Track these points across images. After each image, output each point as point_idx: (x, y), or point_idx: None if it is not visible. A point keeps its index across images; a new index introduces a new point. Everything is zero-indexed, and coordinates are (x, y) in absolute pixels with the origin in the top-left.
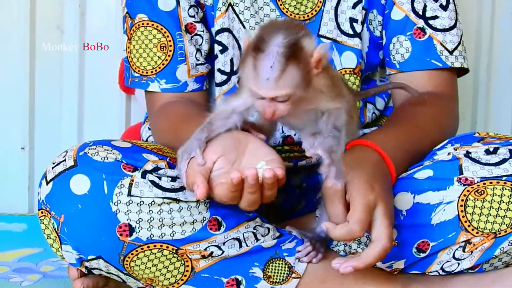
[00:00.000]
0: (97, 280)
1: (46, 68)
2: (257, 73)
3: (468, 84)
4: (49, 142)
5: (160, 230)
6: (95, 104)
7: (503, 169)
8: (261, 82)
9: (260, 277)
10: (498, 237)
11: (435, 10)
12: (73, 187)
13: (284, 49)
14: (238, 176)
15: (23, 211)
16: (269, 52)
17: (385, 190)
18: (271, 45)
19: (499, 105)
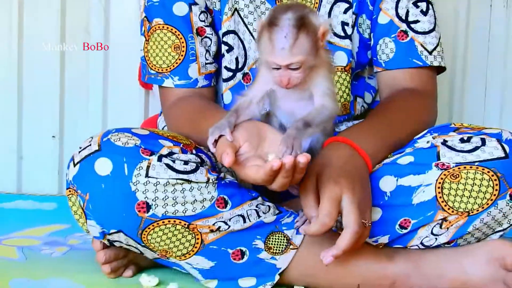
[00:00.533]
0: (118, 252)
1: (74, 66)
2: (273, 44)
3: (445, 84)
4: (77, 131)
5: (174, 207)
6: (117, 98)
7: (475, 156)
8: (277, 51)
9: (262, 248)
10: (471, 215)
11: (416, 15)
12: (97, 168)
13: (294, 21)
14: (279, 163)
15: (53, 192)
16: (282, 25)
17: (354, 181)
18: (283, 19)
19: (472, 103)
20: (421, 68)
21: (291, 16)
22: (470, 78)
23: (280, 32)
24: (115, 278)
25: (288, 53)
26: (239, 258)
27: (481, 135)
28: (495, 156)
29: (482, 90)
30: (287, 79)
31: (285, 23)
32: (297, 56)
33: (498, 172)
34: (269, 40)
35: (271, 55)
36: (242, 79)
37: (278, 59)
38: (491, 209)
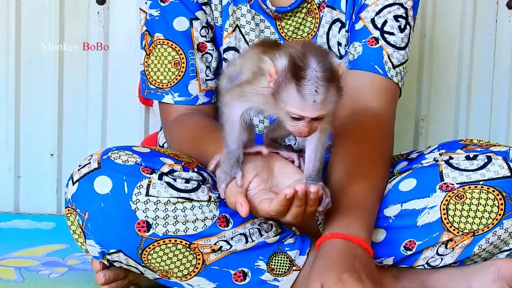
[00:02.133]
0: (117, 272)
1: (73, 84)
2: (302, 97)
3: (451, 99)
4: (75, 150)
5: (175, 227)
6: (117, 115)
7: (480, 174)
8: (307, 105)
9: (264, 270)
10: (476, 235)
11: (393, 28)
12: (97, 187)
13: (323, 73)
14: (292, 191)
15: (52, 211)
16: (311, 77)
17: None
18: (311, 70)
19: (478, 118)
20: (385, 80)
21: (317, 67)
22: (476, 93)
23: (310, 86)
24: None
25: (319, 106)
26: (241, 280)
27: (488, 152)
28: (500, 175)
29: (488, 104)
30: (308, 130)
31: (313, 75)
32: (327, 108)
33: (504, 192)
34: (297, 92)
35: (298, 107)
36: None
37: (307, 113)
38: (497, 228)
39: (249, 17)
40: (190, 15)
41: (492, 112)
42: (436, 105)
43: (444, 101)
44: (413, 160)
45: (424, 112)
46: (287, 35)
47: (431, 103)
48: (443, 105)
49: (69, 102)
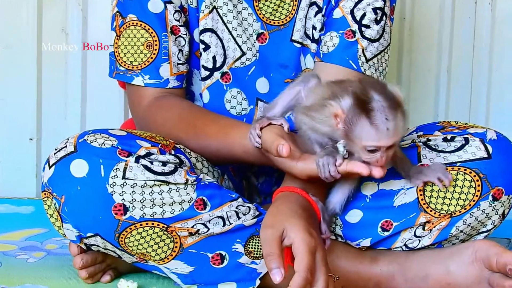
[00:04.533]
0: (95, 256)
1: (52, 68)
2: (376, 128)
3: (431, 82)
4: (54, 134)
5: (152, 209)
6: (96, 99)
7: (457, 156)
8: (381, 134)
9: (242, 253)
10: (454, 217)
11: (370, 21)
12: (73, 170)
13: (387, 102)
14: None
15: (31, 195)
16: (378, 108)
17: (318, 233)
18: (375, 101)
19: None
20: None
21: (381, 98)
22: (456, 76)
23: (379, 116)
24: (93, 283)
25: (393, 133)
26: (219, 263)
27: (465, 134)
28: (477, 157)
29: (467, 87)
30: (384, 159)
31: (379, 106)
32: (400, 134)
33: (481, 173)
34: (370, 125)
35: (374, 139)
36: (220, 78)
37: (383, 142)
38: (474, 210)
39: None
40: None
41: (472, 94)
42: (416, 88)
43: (424, 84)
44: None
45: (404, 95)
46: (264, 16)
47: (411, 86)
48: (423, 88)
49: (48, 86)
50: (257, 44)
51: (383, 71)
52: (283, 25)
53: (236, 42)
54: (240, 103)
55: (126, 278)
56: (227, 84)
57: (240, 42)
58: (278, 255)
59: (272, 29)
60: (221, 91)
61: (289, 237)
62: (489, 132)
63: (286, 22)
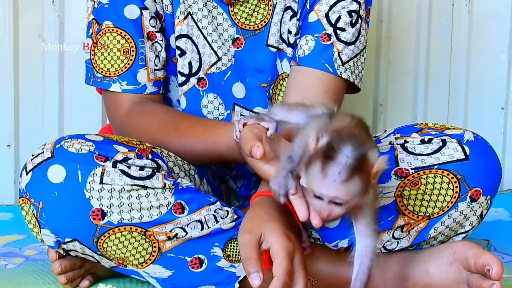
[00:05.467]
0: (74, 261)
1: (29, 74)
2: (325, 175)
3: (409, 84)
4: (32, 140)
5: (130, 214)
6: (74, 105)
7: (435, 158)
8: (327, 183)
9: (220, 256)
10: (432, 219)
11: (346, 24)
12: (50, 176)
13: (353, 161)
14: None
15: (10, 202)
16: (339, 161)
17: (297, 237)
18: (342, 154)
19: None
20: (334, 78)
21: (350, 154)
22: (434, 78)
23: (334, 167)
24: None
25: (338, 188)
26: (197, 267)
27: (442, 136)
28: (455, 158)
29: (445, 89)
30: (327, 213)
31: (342, 160)
32: (345, 194)
33: (458, 174)
34: (321, 170)
35: (318, 185)
36: (196, 83)
37: (326, 190)
38: (452, 211)
39: (201, 4)
40: (140, 5)
41: (450, 96)
42: (394, 91)
43: (402, 87)
44: None
45: (382, 98)
46: (240, 21)
47: (389, 88)
48: (401, 90)
49: (25, 92)
50: (233, 49)
51: (359, 73)
52: (258, 29)
53: (212, 48)
54: (217, 108)
55: (105, 283)
56: (203, 90)
57: (215, 48)
58: (256, 259)
59: (247, 34)
60: (198, 96)
61: (267, 242)
62: (467, 133)
63: (261, 26)
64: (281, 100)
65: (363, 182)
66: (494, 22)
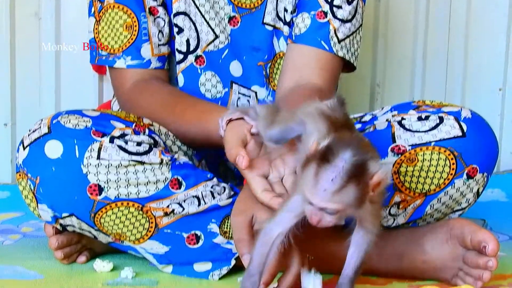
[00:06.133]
0: (71, 237)
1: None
2: (317, 181)
3: (406, 64)
4: (29, 119)
5: (127, 189)
6: (71, 83)
7: (432, 135)
8: (318, 190)
9: (217, 233)
10: (429, 195)
11: (342, 1)
12: (48, 151)
13: (350, 166)
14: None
15: (7, 181)
16: (335, 165)
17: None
18: (339, 158)
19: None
20: (331, 56)
21: (348, 159)
22: (431, 59)
23: (329, 172)
24: (69, 264)
25: (329, 197)
26: (194, 243)
27: (440, 113)
28: (452, 135)
29: (443, 70)
30: (318, 219)
31: (339, 165)
32: (336, 204)
33: (455, 151)
34: (315, 174)
35: (310, 191)
36: (194, 61)
37: (316, 199)
38: (448, 188)
39: None
40: None
41: (448, 77)
42: (392, 71)
43: (400, 67)
44: (366, 122)
45: (379, 78)
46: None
47: (386, 69)
48: (398, 70)
49: (22, 71)
50: (229, 28)
51: (355, 52)
52: (255, 8)
53: (209, 25)
54: (215, 86)
55: (102, 259)
56: (201, 67)
57: (213, 25)
58: (248, 240)
59: (243, 12)
60: (196, 74)
61: (258, 223)
62: (464, 110)
63: (257, 5)
64: (278, 78)
65: (359, 192)
66: (492, 3)
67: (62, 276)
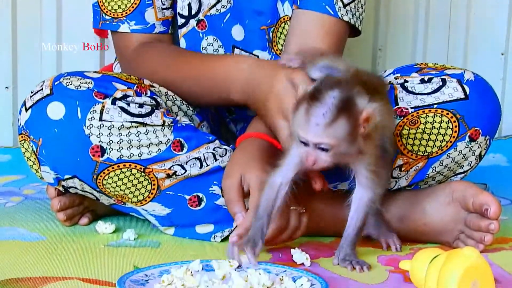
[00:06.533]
0: (73, 198)
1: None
2: (308, 118)
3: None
4: (31, 82)
5: (129, 151)
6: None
7: (434, 97)
8: (310, 126)
9: (219, 194)
10: (431, 158)
11: None
12: (50, 113)
13: (338, 101)
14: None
15: (8, 144)
16: (324, 102)
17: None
18: (328, 95)
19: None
20: (335, 21)
21: (336, 95)
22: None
23: (319, 108)
24: (71, 225)
25: (322, 131)
26: (196, 205)
27: (442, 75)
28: (454, 98)
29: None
30: (313, 159)
31: (328, 101)
32: (329, 138)
33: (458, 114)
34: (306, 112)
35: (302, 129)
36: (196, 25)
37: (309, 135)
38: (451, 151)
39: None
40: None
41: (450, 41)
42: (394, 35)
43: (402, 31)
44: None
45: (381, 42)
46: None
47: (388, 33)
48: (400, 35)
49: (23, 33)
50: None
51: (359, 16)
52: None
53: None
54: (217, 50)
55: (104, 221)
56: (203, 32)
57: None
58: (238, 200)
59: None
60: (198, 38)
61: (247, 184)
62: (467, 73)
63: None
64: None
65: (350, 126)
66: None
67: (65, 238)
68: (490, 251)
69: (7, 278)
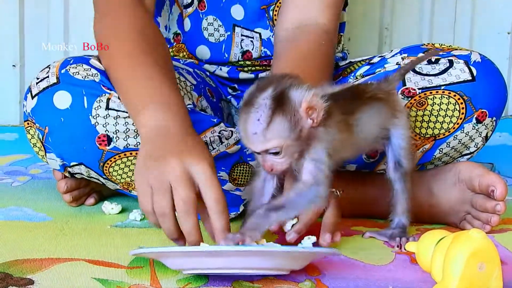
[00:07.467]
0: (79, 181)
1: None
2: (246, 128)
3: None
4: (38, 60)
5: (136, 140)
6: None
7: (441, 79)
8: (250, 137)
9: (226, 180)
10: (438, 139)
11: None
12: (56, 102)
13: (271, 101)
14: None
15: (15, 123)
16: (257, 106)
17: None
18: (260, 98)
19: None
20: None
21: (268, 95)
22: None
23: (254, 113)
24: (77, 206)
25: (263, 138)
26: None
27: (449, 56)
28: (461, 79)
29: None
30: (269, 165)
31: (260, 103)
32: (271, 141)
33: (465, 95)
34: (244, 122)
35: (245, 140)
36: (197, 6)
37: (252, 145)
38: (458, 132)
39: None
40: None
41: (456, 21)
42: (400, 14)
43: (408, 10)
44: (375, 64)
45: (387, 21)
46: None
47: (394, 12)
48: (406, 14)
49: (30, 11)
50: None
51: None
52: None
53: None
54: (217, 30)
55: (110, 201)
56: (203, 12)
57: None
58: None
59: None
60: (199, 19)
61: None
62: (474, 54)
63: None
64: None
65: (290, 122)
66: None
67: (71, 218)
68: (496, 232)
69: (13, 259)
